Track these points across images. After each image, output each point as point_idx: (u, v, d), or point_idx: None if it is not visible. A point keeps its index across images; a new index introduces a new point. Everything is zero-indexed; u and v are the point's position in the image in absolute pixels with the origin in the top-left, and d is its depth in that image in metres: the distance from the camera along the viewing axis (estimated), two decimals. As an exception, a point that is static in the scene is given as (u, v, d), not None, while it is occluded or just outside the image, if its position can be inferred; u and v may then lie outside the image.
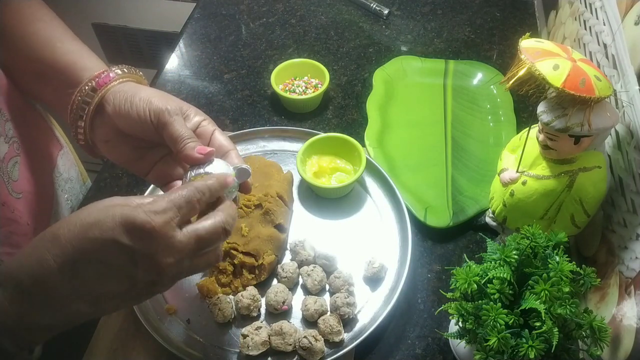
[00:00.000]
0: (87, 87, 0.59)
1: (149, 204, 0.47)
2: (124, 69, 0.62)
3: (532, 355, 0.51)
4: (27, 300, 0.45)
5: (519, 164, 0.69)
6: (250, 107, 0.99)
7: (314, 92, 0.96)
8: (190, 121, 0.59)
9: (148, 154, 0.62)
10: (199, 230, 0.49)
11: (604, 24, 0.73)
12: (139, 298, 0.54)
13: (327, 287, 0.73)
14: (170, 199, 0.48)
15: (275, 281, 0.74)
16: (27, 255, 0.46)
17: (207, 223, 0.50)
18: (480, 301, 0.55)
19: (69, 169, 0.84)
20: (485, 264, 0.56)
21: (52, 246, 0.45)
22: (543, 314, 0.51)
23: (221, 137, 0.60)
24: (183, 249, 0.48)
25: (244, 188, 0.59)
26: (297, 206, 0.84)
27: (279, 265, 0.74)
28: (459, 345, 0.66)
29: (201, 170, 0.55)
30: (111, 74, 0.60)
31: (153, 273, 0.47)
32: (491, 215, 0.79)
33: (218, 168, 0.56)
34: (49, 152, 0.79)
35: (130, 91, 0.59)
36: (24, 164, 0.69)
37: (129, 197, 0.48)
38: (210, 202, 0.52)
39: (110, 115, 0.59)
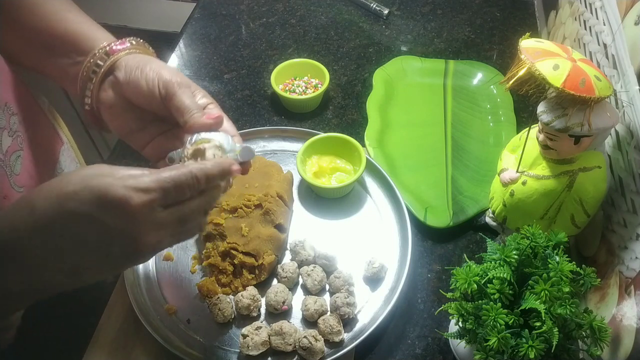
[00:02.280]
0: (100, 51, 0.60)
1: (133, 179, 0.44)
2: (138, 41, 0.63)
3: (532, 355, 0.51)
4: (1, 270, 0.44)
5: (519, 164, 0.69)
6: (250, 107, 0.99)
7: (314, 92, 0.96)
8: (197, 100, 0.60)
9: (149, 126, 0.62)
10: (182, 209, 0.48)
11: (604, 24, 0.73)
12: (117, 269, 0.52)
13: (327, 287, 0.73)
14: (159, 178, 0.46)
15: (275, 281, 0.74)
16: (1, 219, 0.45)
17: (190, 202, 0.48)
18: (480, 301, 0.55)
19: (70, 165, 0.84)
20: (485, 264, 0.56)
21: (27, 215, 0.44)
22: (543, 314, 0.51)
23: (227, 123, 0.60)
24: (163, 228, 0.46)
25: (243, 170, 0.58)
26: (297, 206, 0.84)
27: (279, 265, 0.74)
28: (459, 345, 0.66)
29: (203, 135, 0.55)
30: (126, 44, 0.61)
31: (130, 250, 0.46)
32: (491, 215, 0.79)
33: (223, 139, 0.55)
34: (51, 147, 0.79)
35: (142, 60, 0.60)
36: (27, 158, 0.69)
37: (116, 167, 0.46)
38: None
39: (120, 82, 0.59)
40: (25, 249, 0.44)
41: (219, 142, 0.55)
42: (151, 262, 0.77)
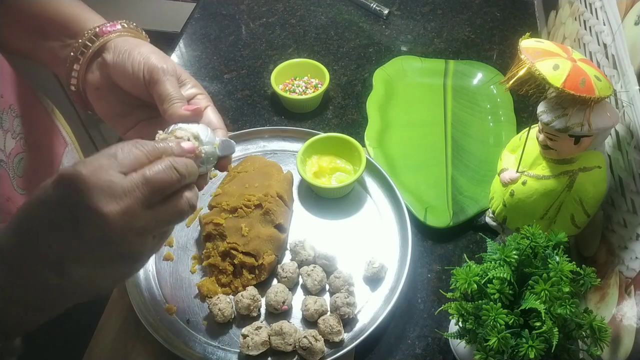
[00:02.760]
0: (89, 32, 0.60)
1: (91, 158, 0.44)
2: (130, 24, 0.62)
3: (532, 355, 0.51)
4: None
5: (519, 164, 0.69)
6: (250, 107, 0.99)
7: (314, 92, 0.96)
8: (185, 90, 0.59)
9: (134, 111, 0.62)
10: (146, 172, 0.45)
11: (604, 24, 0.73)
12: (104, 263, 0.46)
13: (327, 287, 0.73)
14: (105, 149, 0.45)
15: (275, 281, 0.74)
16: None
17: (152, 165, 0.46)
18: (480, 301, 0.55)
19: None
20: (485, 264, 0.56)
21: (12, 219, 0.45)
22: (543, 314, 0.51)
23: (212, 115, 0.59)
24: (126, 193, 0.43)
25: (221, 166, 0.56)
26: (297, 206, 0.84)
27: (279, 265, 0.74)
28: (459, 345, 0.66)
29: (180, 125, 0.52)
30: (117, 26, 0.61)
31: (98, 225, 0.42)
32: (491, 215, 0.79)
33: (202, 130, 0.53)
34: (54, 149, 0.79)
35: (131, 43, 0.59)
36: (29, 160, 0.69)
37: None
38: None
39: (107, 64, 0.59)
40: (14, 249, 0.44)
41: (196, 132, 0.52)
42: (151, 262, 0.77)
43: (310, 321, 0.70)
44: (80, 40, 0.60)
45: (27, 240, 0.44)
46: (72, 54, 0.60)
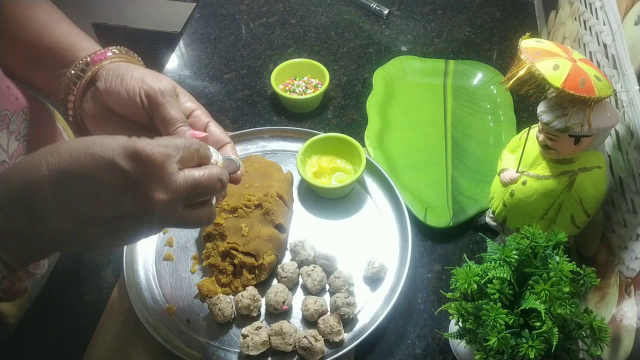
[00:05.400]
0: (81, 62, 0.60)
1: (153, 139, 0.47)
2: (121, 50, 0.63)
3: (532, 355, 0.51)
4: (12, 204, 0.45)
5: (519, 164, 0.69)
6: (250, 107, 0.99)
7: (314, 92, 0.96)
8: (180, 105, 0.59)
9: (134, 135, 0.62)
10: (196, 174, 0.48)
11: (604, 24, 0.73)
12: (120, 234, 0.49)
13: (327, 287, 0.73)
14: (170, 139, 0.48)
15: (275, 281, 0.74)
16: (25, 161, 0.46)
17: (204, 170, 0.49)
18: (480, 301, 0.55)
19: None
20: (485, 264, 0.56)
21: (51, 154, 0.45)
22: (543, 314, 0.51)
23: (217, 130, 0.60)
24: (177, 188, 0.47)
25: (233, 179, 0.58)
26: (297, 206, 0.84)
27: (279, 265, 0.74)
28: (459, 345, 0.66)
29: None
30: (108, 53, 0.61)
31: (141, 205, 0.46)
32: (491, 215, 0.79)
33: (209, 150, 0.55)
34: None
35: (123, 69, 0.59)
36: None
37: None
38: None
39: (101, 92, 0.59)
40: (44, 189, 0.44)
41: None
42: (151, 262, 0.77)
43: (310, 321, 0.70)
44: (72, 72, 0.60)
45: (60, 189, 0.44)
46: (65, 84, 0.60)
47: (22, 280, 0.52)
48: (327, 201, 0.84)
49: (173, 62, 1.08)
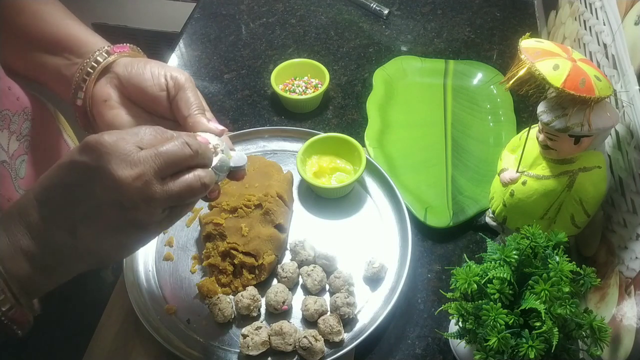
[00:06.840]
0: (101, 49, 0.63)
1: (117, 131, 0.49)
2: (136, 48, 0.67)
3: (532, 355, 0.51)
4: (15, 229, 0.48)
5: (519, 164, 0.69)
6: (250, 107, 0.99)
7: (314, 92, 0.96)
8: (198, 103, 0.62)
9: (142, 124, 0.63)
10: (158, 147, 0.48)
11: (604, 24, 0.73)
12: (118, 233, 0.49)
13: (327, 287, 0.73)
14: (133, 129, 0.50)
15: (275, 281, 0.74)
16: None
17: (168, 141, 0.49)
18: (480, 301, 0.55)
19: None
20: (485, 264, 0.56)
21: (35, 183, 0.50)
22: (543, 314, 0.51)
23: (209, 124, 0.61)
24: (140, 160, 0.47)
25: (237, 176, 0.58)
26: (297, 206, 0.84)
27: (279, 265, 0.74)
28: (459, 345, 0.66)
29: (197, 134, 0.56)
30: (126, 48, 0.65)
31: (111, 186, 0.46)
32: (491, 215, 0.79)
33: (218, 140, 0.56)
34: (56, 153, 0.79)
35: (142, 60, 0.64)
36: (31, 162, 0.70)
37: None
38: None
39: (120, 77, 0.62)
40: (34, 209, 0.48)
41: (215, 143, 0.56)
42: (151, 262, 0.77)
43: (310, 321, 0.70)
44: (91, 57, 0.63)
45: (46, 204, 0.48)
46: (80, 70, 0.63)
47: (33, 311, 0.53)
48: (327, 201, 0.84)
49: (173, 62, 1.08)
